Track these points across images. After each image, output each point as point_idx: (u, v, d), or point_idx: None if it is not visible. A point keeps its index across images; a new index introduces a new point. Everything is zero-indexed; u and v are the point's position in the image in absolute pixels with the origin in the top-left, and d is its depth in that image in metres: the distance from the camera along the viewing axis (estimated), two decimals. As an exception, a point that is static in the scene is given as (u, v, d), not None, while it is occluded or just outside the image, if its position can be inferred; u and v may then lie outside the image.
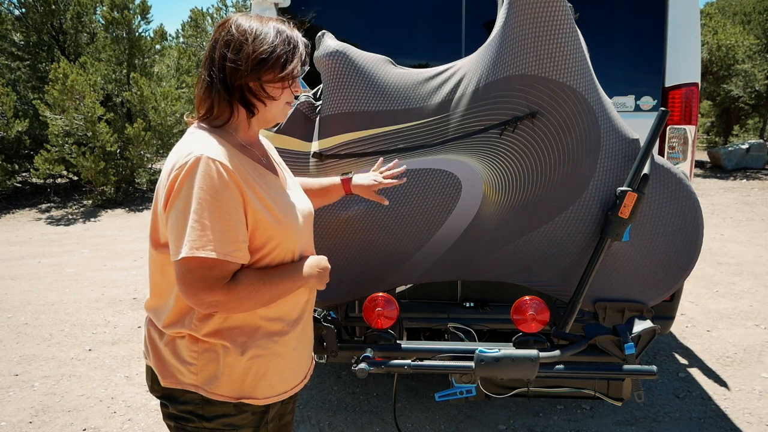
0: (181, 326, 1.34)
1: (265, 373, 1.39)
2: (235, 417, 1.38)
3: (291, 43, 1.35)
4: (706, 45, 12.79)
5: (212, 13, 16.51)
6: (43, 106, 9.50)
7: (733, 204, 9.06)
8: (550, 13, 1.86)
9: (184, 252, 1.20)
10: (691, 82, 2.63)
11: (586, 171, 2.00)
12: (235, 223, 1.25)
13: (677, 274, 2.06)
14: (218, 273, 1.24)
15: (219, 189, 1.22)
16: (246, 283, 1.27)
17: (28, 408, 3.23)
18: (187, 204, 1.22)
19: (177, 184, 1.23)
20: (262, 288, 1.29)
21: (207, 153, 1.24)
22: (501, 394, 2.16)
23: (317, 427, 2.99)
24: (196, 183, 1.21)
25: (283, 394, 1.46)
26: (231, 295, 1.25)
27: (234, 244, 1.25)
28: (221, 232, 1.22)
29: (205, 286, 1.23)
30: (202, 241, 1.20)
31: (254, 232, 1.31)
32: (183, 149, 1.28)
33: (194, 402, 1.36)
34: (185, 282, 1.23)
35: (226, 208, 1.23)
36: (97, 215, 9.47)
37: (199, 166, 1.22)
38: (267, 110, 1.37)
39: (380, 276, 2.28)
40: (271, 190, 1.37)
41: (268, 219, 1.32)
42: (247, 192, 1.28)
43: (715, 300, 4.83)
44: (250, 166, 1.35)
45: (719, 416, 3.03)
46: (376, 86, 2.11)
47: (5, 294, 5.30)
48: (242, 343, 1.35)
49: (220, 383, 1.35)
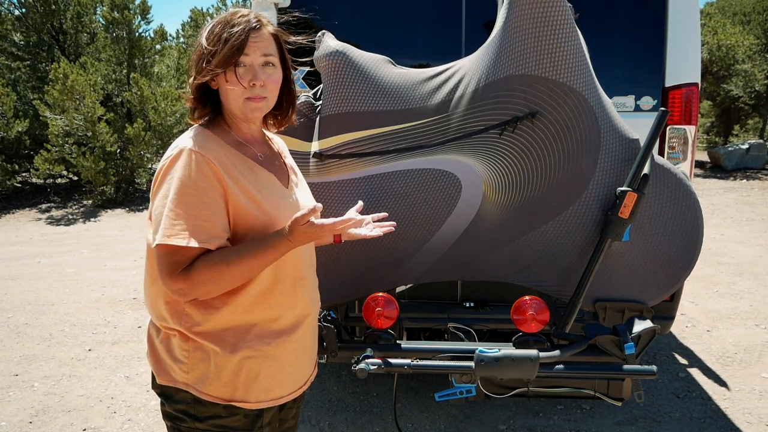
0: (172, 322, 1.34)
1: (257, 375, 1.37)
2: (226, 419, 1.37)
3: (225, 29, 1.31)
4: (706, 45, 12.79)
5: (212, 13, 16.48)
6: (43, 106, 9.50)
7: (733, 204, 9.07)
8: (550, 13, 1.86)
9: (158, 239, 1.23)
10: (691, 82, 2.63)
11: (586, 171, 2.00)
12: (214, 212, 1.27)
13: (677, 274, 2.06)
14: (178, 259, 1.24)
15: (197, 179, 1.25)
16: (204, 268, 1.24)
17: (28, 408, 3.23)
18: (166, 193, 1.25)
19: (161, 175, 1.28)
20: (226, 268, 1.25)
21: (189, 145, 1.28)
22: (501, 394, 2.16)
23: (317, 427, 2.99)
24: (176, 173, 1.25)
25: (279, 399, 1.44)
26: (189, 280, 1.24)
27: (208, 232, 1.26)
28: (195, 220, 1.24)
29: (168, 273, 1.25)
30: (174, 229, 1.23)
31: (235, 223, 1.32)
32: (174, 144, 1.32)
33: (187, 401, 1.36)
34: (159, 269, 1.26)
35: (203, 198, 1.25)
36: (97, 215, 9.47)
37: (180, 157, 1.26)
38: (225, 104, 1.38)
39: (380, 276, 2.28)
40: (260, 184, 1.37)
41: (250, 210, 1.32)
42: (228, 182, 1.29)
43: (715, 300, 4.83)
44: (240, 160, 1.36)
45: (719, 416, 3.03)
46: (376, 86, 2.11)
47: (5, 294, 5.30)
48: (232, 344, 1.34)
49: (210, 383, 1.34)
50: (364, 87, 2.10)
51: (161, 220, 1.24)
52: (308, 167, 2.17)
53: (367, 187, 2.17)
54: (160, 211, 1.25)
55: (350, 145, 2.13)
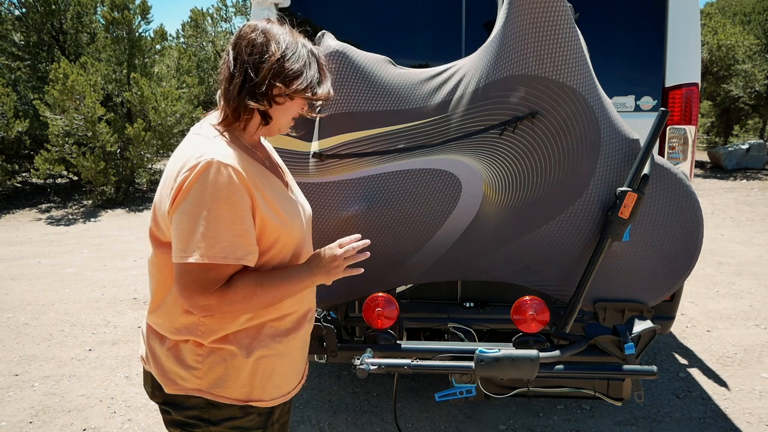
0: (187, 333, 1.34)
1: (272, 373, 1.39)
2: (242, 419, 1.38)
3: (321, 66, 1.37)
4: (706, 45, 12.79)
5: (212, 13, 16.49)
6: (43, 106, 9.50)
7: (733, 204, 9.07)
8: (550, 14, 1.86)
9: (195, 257, 1.20)
10: (691, 82, 2.63)
11: (586, 171, 2.00)
12: (247, 226, 1.25)
13: (677, 274, 2.06)
14: (214, 276, 1.23)
15: (230, 194, 1.22)
16: (241, 287, 1.25)
17: (28, 408, 3.23)
18: (196, 208, 1.20)
19: (186, 185, 1.21)
20: (259, 291, 1.27)
21: (218, 157, 1.22)
22: (501, 394, 2.16)
23: (317, 427, 2.98)
24: (207, 187, 1.20)
25: (288, 395, 1.46)
26: (224, 298, 1.24)
27: (246, 247, 1.25)
28: (232, 237, 1.22)
29: (199, 289, 1.22)
30: (215, 248, 1.20)
31: (261, 235, 1.30)
32: (193, 151, 1.25)
33: (199, 407, 1.36)
34: (181, 283, 1.23)
35: (237, 212, 1.23)
36: (97, 215, 9.47)
37: (210, 170, 1.21)
38: (276, 122, 1.37)
39: (380, 276, 2.28)
40: (276, 192, 1.37)
41: (275, 221, 1.31)
42: (256, 195, 1.27)
43: (715, 300, 4.83)
44: (257, 168, 1.34)
45: (719, 416, 3.03)
46: (376, 86, 2.11)
47: (5, 294, 5.30)
48: (247, 345, 1.35)
49: (228, 386, 1.34)
50: (364, 87, 2.10)
51: (194, 237, 1.20)
52: (308, 167, 2.17)
53: (367, 187, 2.17)
54: (190, 227, 1.20)
55: (350, 145, 2.13)
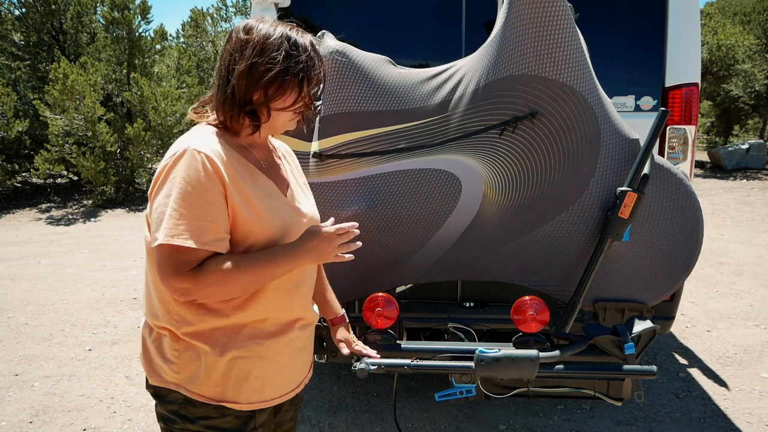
0: (163, 320, 1.34)
1: (248, 375, 1.37)
2: (217, 420, 1.36)
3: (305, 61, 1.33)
4: (706, 45, 12.79)
5: (212, 13, 16.48)
6: (43, 106, 9.50)
7: (733, 204, 9.07)
8: (550, 14, 1.86)
9: (161, 239, 1.22)
10: (691, 82, 2.63)
11: (586, 171, 2.00)
12: (217, 213, 1.26)
13: (677, 274, 2.06)
14: (185, 258, 1.23)
15: (201, 179, 1.24)
16: (214, 270, 1.25)
17: (28, 408, 3.23)
18: (169, 192, 1.24)
19: (164, 173, 1.27)
20: (235, 274, 1.26)
21: (194, 145, 1.26)
22: (501, 394, 2.16)
23: (317, 427, 2.99)
24: (179, 172, 1.24)
25: (271, 401, 1.43)
26: (197, 281, 1.24)
27: (213, 234, 1.26)
28: (200, 220, 1.24)
29: (172, 272, 1.23)
30: (178, 229, 1.22)
31: (233, 226, 1.31)
32: (179, 142, 1.31)
33: (178, 402, 1.36)
34: (157, 266, 1.25)
35: (207, 198, 1.25)
36: (97, 215, 9.47)
37: (184, 156, 1.25)
38: (273, 121, 1.38)
39: (380, 276, 2.28)
40: (260, 190, 1.36)
41: (248, 217, 1.31)
42: (229, 185, 1.28)
43: (715, 300, 4.84)
44: (242, 164, 1.35)
45: (719, 416, 3.03)
46: (376, 86, 2.11)
47: (5, 294, 5.30)
48: (222, 344, 1.34)
49: (201, 383, 1.34)
50: (364, 87, 2.10)
51: (164, 219, 1.23)
52: (308, 167, 2.17)
53: (367, 187, 2.17)
54: (162, 210, 1.24)
55: (350, 145, 2.13)
